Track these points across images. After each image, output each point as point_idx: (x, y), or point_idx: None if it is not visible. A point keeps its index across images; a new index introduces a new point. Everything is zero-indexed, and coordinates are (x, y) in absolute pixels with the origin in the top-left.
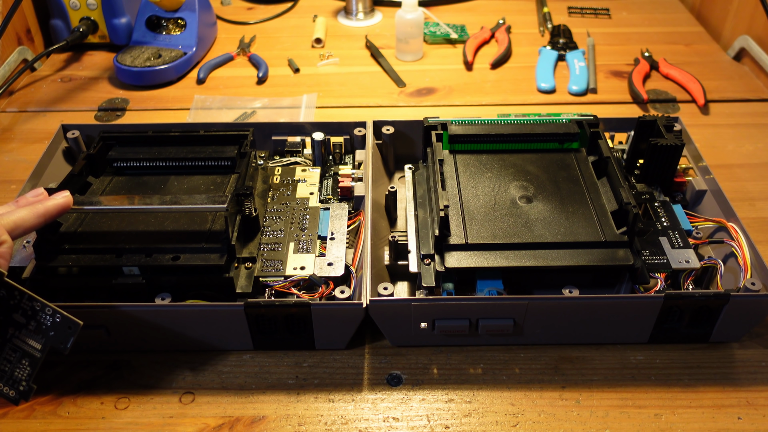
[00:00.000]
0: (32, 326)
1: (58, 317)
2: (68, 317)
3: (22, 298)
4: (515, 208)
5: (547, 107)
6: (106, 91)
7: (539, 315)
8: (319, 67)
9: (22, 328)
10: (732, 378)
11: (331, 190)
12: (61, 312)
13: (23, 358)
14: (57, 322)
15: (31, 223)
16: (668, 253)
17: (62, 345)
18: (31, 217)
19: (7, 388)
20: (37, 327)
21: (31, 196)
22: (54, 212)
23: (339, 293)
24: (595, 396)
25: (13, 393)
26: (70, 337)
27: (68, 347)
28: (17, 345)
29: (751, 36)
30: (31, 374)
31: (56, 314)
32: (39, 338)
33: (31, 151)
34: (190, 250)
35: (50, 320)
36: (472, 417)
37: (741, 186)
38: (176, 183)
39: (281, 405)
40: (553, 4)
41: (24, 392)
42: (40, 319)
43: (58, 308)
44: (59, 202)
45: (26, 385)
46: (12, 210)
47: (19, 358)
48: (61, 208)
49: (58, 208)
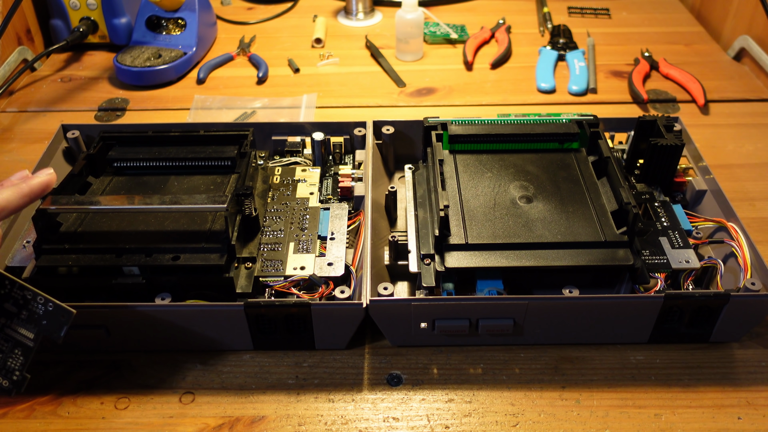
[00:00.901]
0: (24, 315)
1: (50, 306)
2: (61, 306)
3: (13, 287)
4: (515, 208)
5: (547, 107)
6: (106, 91)
7: (539, 315)
8: (319, 67)
9: (13, 318)
10: (732, 378)
11: (331, 190)
12: (53, 301)
13: (16, 347)
14: (49, 310)
15: (17, 203)
16: (668, 253)
17: (55, 334)
18: (16, 197)
19: (0, 378)
20: (29, 316)
21: (15, 178)
22: (38, 190)
23: (339, 293)
24: (595, 396)
25: (6, 383)
26: (63, 326)
27: (62, 336)
28: (9, 334)
29: (751, 36)
30: (24, 363)
31: (48, 303)
32: (31, 327)
33: (31, 151)
34: (190, 250)
35: (42, 309)
36: (472, 417)
37: (741, 186)
38: (176, 183)
39: (281, 405)
40: (553, 4)
41: (17, 382)
42: (32, 308)
43: (50, 297)
44: (43, 180)
45: (20, 374)
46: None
47: (12, 348)
48: (45, 185)
49: (41, 185)
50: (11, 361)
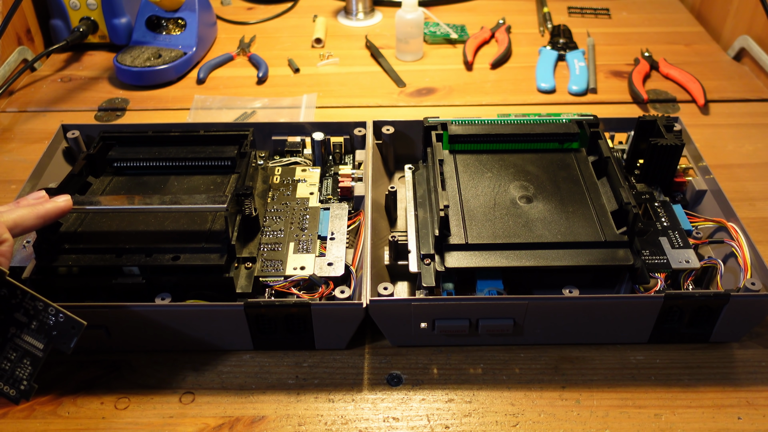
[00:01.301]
0: (34, 326)
1: (61, 317)
2: (72, 317)
3: (24, 297)
4: (515, 208)
5: (547, 107)
6: (106, 91)
7: (539, 315)
8: (319, 67)
9: (23, 327)
10: (732, 378)
11: (331, 190)
12: (64, 312)
13: (24, 357)
14: (60, 321)
15: (31, 223)
16: (668, 253)
17: (65, 345)
18: (31, 217)
19: (7, 387)
20: (40, 326)
21: (32, 198)
22: (54, 214)
23: (339, 293)
24: (595, 396)
25: (13, 392)
26: (73, 337)
27: (71, 347)
28: (18, 344)
29: (751, 36)
30: (33, 374)
31: (59, 314)
32: (41, 338)
33: (31, 151)
34: (190, 250)
35: (53, 320)
36: (472, 417)
37: (741, 186)
38: (176, 183)
39: (281, 405)
40: (553, 4)
41: (25, 392)
42: (42, 319)
43: (61, 308)
44: (59, 206)
45: (27, 384)
46: (12, 208)
47: (20, 357)
48: (61, 211)
49: (57, 210)
50: (20, 370)
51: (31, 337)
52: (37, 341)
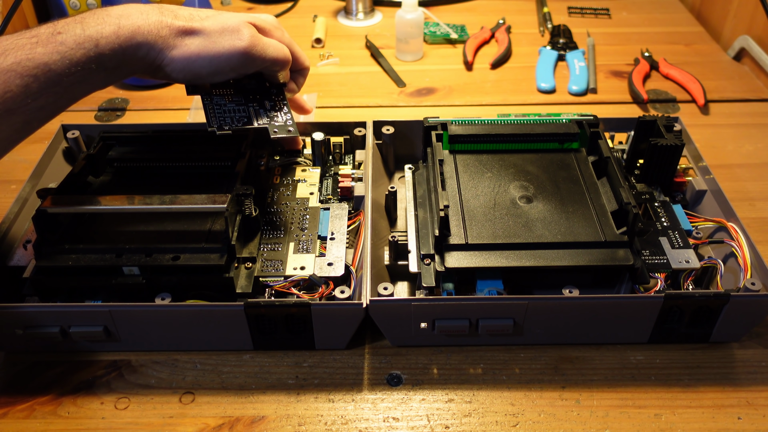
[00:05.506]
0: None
1: (289, 121)
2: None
3: (278, 96)
4: (515, 208)
5: (547, 107)
6: (106, 91)
7: (539, 315)
8: (319, 67)
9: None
10: (732, 378)
11: (331, 190)
12: (293, 121)
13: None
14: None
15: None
16: (668, 253)
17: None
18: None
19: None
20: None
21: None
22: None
23: (339, 293)
24: (595, 396)
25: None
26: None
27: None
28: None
29: (751, 36)
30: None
31: (289, 118)
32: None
33: (31, 151)
34: (190, 250)
35: (281, 118)
36: (472, 417)
37: (741, 186)
38: (176, 183)
39: (281, 405)
40: (553, 4)
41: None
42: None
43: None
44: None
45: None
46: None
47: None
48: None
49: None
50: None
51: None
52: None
